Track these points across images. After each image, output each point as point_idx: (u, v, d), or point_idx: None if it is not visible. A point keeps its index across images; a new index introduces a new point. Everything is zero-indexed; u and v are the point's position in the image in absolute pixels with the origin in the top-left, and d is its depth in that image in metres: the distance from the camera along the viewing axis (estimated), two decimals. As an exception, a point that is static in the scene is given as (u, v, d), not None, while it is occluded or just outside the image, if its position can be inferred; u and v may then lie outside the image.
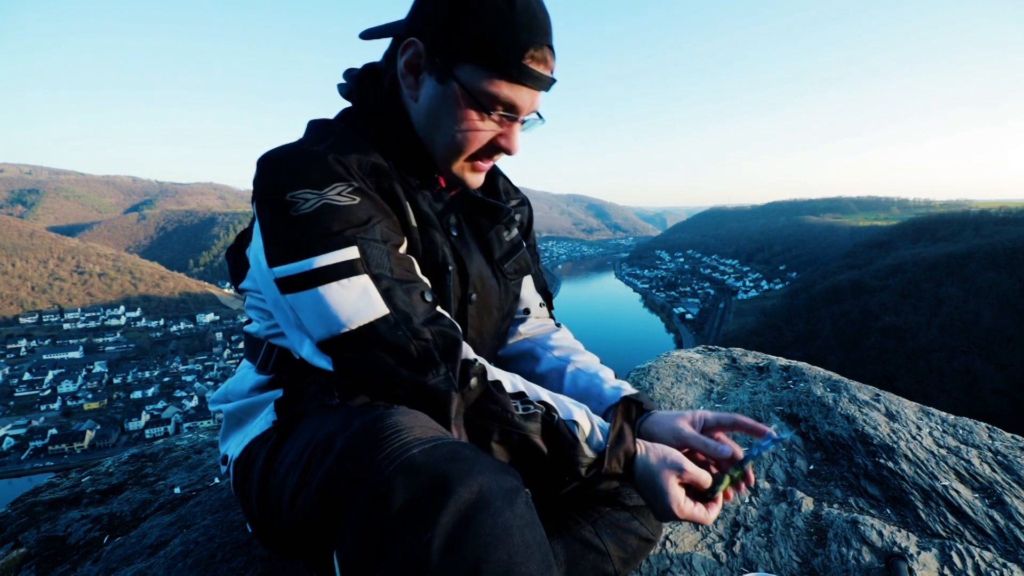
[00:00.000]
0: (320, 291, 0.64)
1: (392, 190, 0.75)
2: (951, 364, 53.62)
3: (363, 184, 0.72)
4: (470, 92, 0.72)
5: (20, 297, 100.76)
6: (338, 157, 0.70)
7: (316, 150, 0.70)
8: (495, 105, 0.73)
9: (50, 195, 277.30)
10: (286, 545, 0.73)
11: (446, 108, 0.75)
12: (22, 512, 1.30)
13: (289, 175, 0.67)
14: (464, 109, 0.74)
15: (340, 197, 0.67)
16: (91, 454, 50.61)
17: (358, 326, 0.64)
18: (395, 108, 0.80)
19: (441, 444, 0.54)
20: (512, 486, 0.53)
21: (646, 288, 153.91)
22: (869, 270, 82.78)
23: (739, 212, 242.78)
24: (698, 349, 2.47)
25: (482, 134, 0.76)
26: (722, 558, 1.05)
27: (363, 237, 0.67)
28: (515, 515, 0.50)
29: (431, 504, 0.47)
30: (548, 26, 0.74)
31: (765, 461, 1.42)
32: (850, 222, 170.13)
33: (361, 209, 0.69)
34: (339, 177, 0.68)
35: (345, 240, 0.66)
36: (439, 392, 0.65)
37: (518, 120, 0.77)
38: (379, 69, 0.83)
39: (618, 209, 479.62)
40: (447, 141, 0.77)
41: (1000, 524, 1.13)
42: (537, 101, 0.78)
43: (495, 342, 0.96)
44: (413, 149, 0.80)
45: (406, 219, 0.77)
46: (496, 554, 0.46)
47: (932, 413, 1.65)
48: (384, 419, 0.58)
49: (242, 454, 0.78)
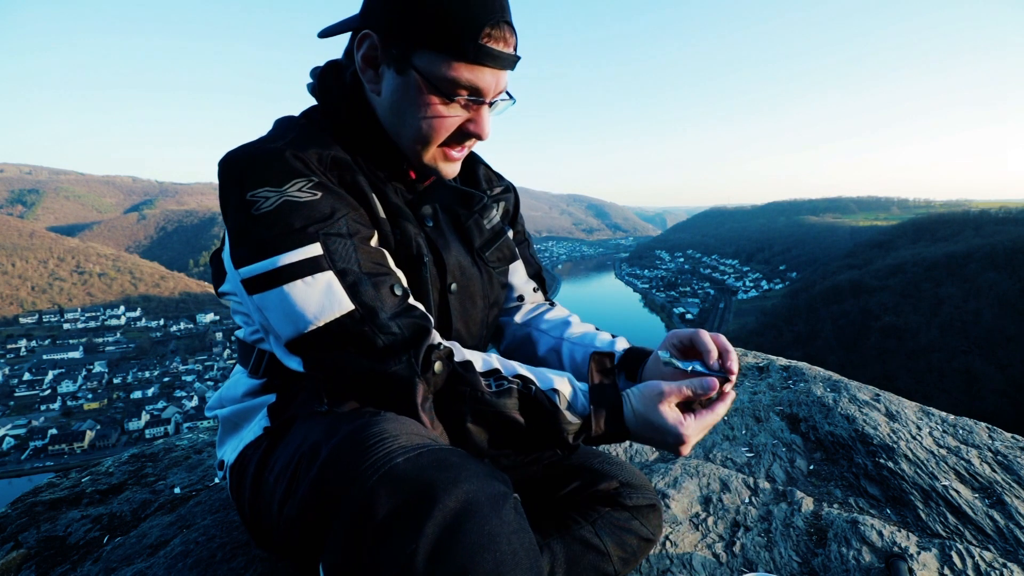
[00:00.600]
0: (285, 290, 0.63)
1: (356, 183, 0.74)
2: (951, 364, 53.61)
3: (324, 178, 0.70)
4: (430, 79, 0.70)
5: (20, 297, 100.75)
6: (296, 153, 0.68)
7: (274, 147, 0.68)
8: (457, 90, 0.71)
9: (50, 195, 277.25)
10: (278, 550, 0.73)
11: (408, 99, 0.72)
12: (22, 512, 1.30)
13: (248, 174, 0.66)
14: (427, 96, 0.71)
15: (300, 193, 0.66)
16: (91, 454, 50.61)
17: (324, 323, 0.63)
18: (358, 103, 0.78)
19: (426, 452, 0.54)
20: (499, 492, 0.52)
21: (646, 288, 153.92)
22: (869, 270, 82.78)
23: (739, 212, 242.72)
24: (698, 349, 2.47)
25: (448, 121, 0.74)
26: (722, 558, 1.05)
27: (326, 232, 0.66)
28: (502, 522, 0.50)
29: (416, 513, 0.47)
30: (503, 1, 0.71)
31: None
32: (850, 222, 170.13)
33: (323, 204, 0.67)
34: (298, 173, 0.67)
35: (308, 237, 0.64)
36: (400, 379, 0.64)
37: (485, 103, 0.75)
38: (341, 65, 0.82)
39: (618, 209, 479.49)
40: (413, 132, 0.75)
41: (1000, 524, 1.13)
42: (503, 81, 0.75)
43: (484, 331, 0.94)
44: (379, 142, 0.78)
45: (374, 212, 0.75)
46: (482, 562, 0.46)
47: (932, 413, 1.65)
48: (369, 427, 0.57)
49: (237, 460, 0.78)
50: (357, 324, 0.64)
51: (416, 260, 0.78)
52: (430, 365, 0.66)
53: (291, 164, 0.67)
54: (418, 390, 0.64)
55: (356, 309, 0.64)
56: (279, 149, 0.68)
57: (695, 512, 1.20)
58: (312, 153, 0.70)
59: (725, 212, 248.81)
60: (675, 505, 1.22)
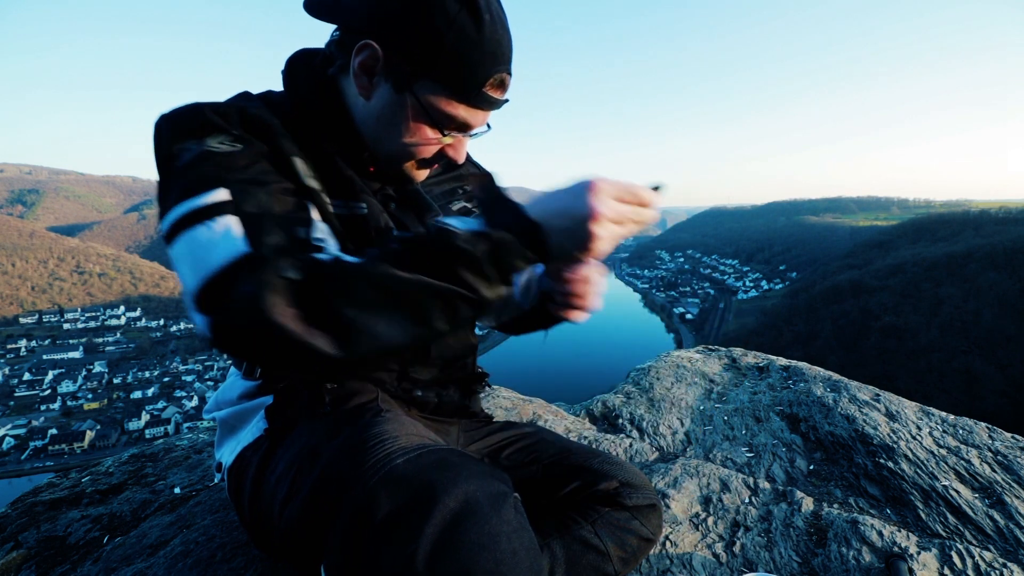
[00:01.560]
0: (187, 234, 0.58)
1: (278, 147, 0.69)
2: (951, 364, 53.62)
3: (246, 135, 0.67)
4: (426, 109, 0.71)
5: (20, 297, 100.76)
6: (217, 109, 0.66)
7: (195, 104, 0.66)
8: (451, 125, 0.73)
9: (50, 195, 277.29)
10: (278, 552, 0.73)
11: (399, 118, 0.73)
12: (22, 512, 1.30)
13: (172, 130, 0.65)
14: (418, 122, 0.73)
15: (221, 145, 0.64)
16: (91, 454, 50.64)
17: (221, 269, 0.55)
18: (326, 90, 0.77)
19: (426, 452, 0.54)
20: (500, 491, 0.52)
21: (646, 288, 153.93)
22: (869, 270, 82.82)
23: (739, 212, 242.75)
24: (698, 349, 2.47)
25: (432, 147, 0.76)
26: (722, 558, 1.05)
27: (239, 179, 0.62)
28: (502, 521, 0.49)
29: (416, 514, 0.47)
30: (511, 53, 0.73)
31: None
32: (850, 222, 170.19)
33: (242, 155, 0.65)
34: (219, 128, 0.65)
35: (218, 181, 0.61)
36: (243, 296, 0.53)
37: (468, 135, 0.77)
38: (313, 53, 0.81)
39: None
40: (395, 149, 0.76)
41: (1000, 524, 1.13)
42: (486, 117, 0.77)
43: None
44: (343, 130, 0.77)
45: (296, 178, 0.70)
46: (483, 562, 0.46)
47: (932, 413, 1.65)
48: (370, 428, 0.57)
49: (235, 462, 0.78)
50: (252, 268, 0.55)
51: (387, 234, 0.77)
52: (279, 268, 0.54)
53: (211, 119, 0.65)
54: (265, 298, 0.52)
55: (252, 252, 0.56)
56: (199, 106, 0.66)
57: (695, 512, 1.20)
58: (233, 111, 0.67)
59: (725, 212, 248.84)
60: (675, 505, 1.22)
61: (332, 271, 0.55)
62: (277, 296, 0.52)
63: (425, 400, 0.86)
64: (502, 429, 1.00)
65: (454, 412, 0.92)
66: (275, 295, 0.52)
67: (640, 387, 2.01)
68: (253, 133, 0.68)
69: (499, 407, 1.88)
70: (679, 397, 1.91)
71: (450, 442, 0.90)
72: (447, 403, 0.90)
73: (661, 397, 1.91)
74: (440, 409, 0.89)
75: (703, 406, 1.84)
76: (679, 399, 1.89)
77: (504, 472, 0.59)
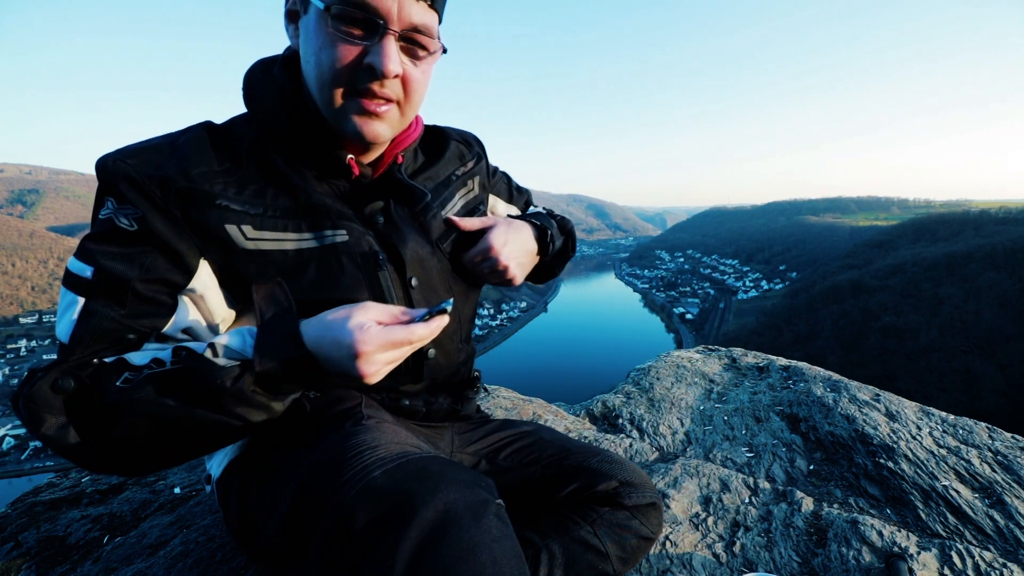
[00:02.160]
0: (62, 291, 0.64)
1: (203, 217, 0.66)
2: (951, 364, 53.63)
3: (157, 213, 0.64)
4: (324, 6, 0.63)
5: (20, 297, 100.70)
6: (133, 178, 0.64)
7: (124, 168, 0.64)
8: (346, 11, 0.62)
9: (50, 195, 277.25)
10: (266, 562, 0.73)
11: (308, 40, 0.67)
12: (22, 512, 1.30)
13: (101, 181, 0.66)
14: (322, 29, 0.64)
15: (125, 219, 0.64)
16: (91, 454, 50.57)
17: (59, 344, 0.63)
18: (286, 94, 0.72)
19: (405, 462, 0.53)
20: (480, 499, 0.51)
21: (646, 288, 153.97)
22: (869, 270, 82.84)
23: (739, 212, 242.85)
24: (698, 349, 2.47)
25: (341, 51, 0.64)
26: (722, 558, 1.05)
27: (110, 261, 0.63)
28: (482, 531, 0.48)
29: (392, 528, 0.46)
30: None
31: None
32: (850, 222, 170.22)
33: (132, 237, 0.64)
34: (127, 200, 0.64)
35: (93, 259, 0.63)
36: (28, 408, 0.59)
37: (388, 32, 0.65)
38: (271, 61, 0.77)
39: (618, 209, 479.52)
40: (314, 75, 0.67)
41: (1000, 524, 1.13)
42: (413, 11, 0.65)
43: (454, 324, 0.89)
44: (310, 134, 0.72)
45: (227, 244, 0.68)
46: (462, 574, 0.45)
47: (932, 413, 1.65)
48: (349, 438, 0.56)
49: (223, 474, 0.78)
50: (61, 356, 0.62)
51: (371, 259, 0.74)
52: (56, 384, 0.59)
53: (122, 190, 0.64)
54: (43, 419, 0.58)
55: (67, 344, 0.62)
56: (118, 170, 0.64)
57: (695, 512, 1.20)
58: (157, 182, 0.64)
59: (725, 212, 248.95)
60: (675, 505, 1.22)
61: (102, 391, 0.58)
62: (46, 404, 0.58)
63: (413, 409, 0.85)
64: (500, 429, 0.99)
65: (445, 418, 0.92)
66: (44, 404, 0.58)
67: (640, 387, 2.01)
68: (176, 205, 0.65)
69: (499, 407, 1.88)
70: (679, 397, 1.91)
71: (443, 446, 0.89)
72: (436, 410, 0.89)
73: (661, 397, 1.91)
74: (430, 416, 0.88)
75: (703, 406, 1.84)
76: (679, 399, 1.89)
77: (490, 478, 0.58)
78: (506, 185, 1.09)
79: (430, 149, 0.92)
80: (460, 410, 0.94)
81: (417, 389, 0.85)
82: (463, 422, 0.96)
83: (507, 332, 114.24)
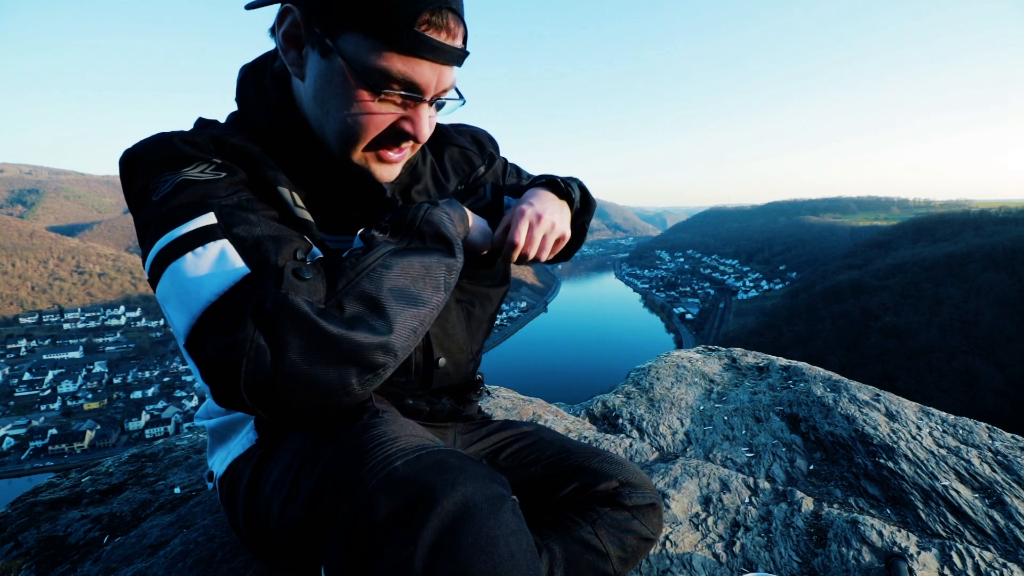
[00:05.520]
0: (173, 267, 0.53)
1: (263, 176, 0.64)
2: (951, 364, 53.62)
3: (227, 163, 0.63)
4: (356, 69, 0.60)
5: (20, 297, 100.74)
6: (188, 139, 0.62)
7: (167, 135, 0.62)
8: (388, 83, 0.62)
9: (50, 195, 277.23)
10: (276, 557, 0.72)
11: (332, 89, 0.63)
12: (22, 512, 1.30)
13: (144, 164, 0.60)
14: (354, 88, 0.62)
15: (201, 174, 0.60)
16: (91, 454, 50.64)
17: (217, 297, 0.51)
18: (281, 111, 0.70)
19: (425, 454, 0.54)
20: (498, 494, 0.52)
21: (646, 288, 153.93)
22: (869, 270, 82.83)
23: (739, 212, 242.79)
24: (698, 349, 2.47)
25: (379, 118, 0.64)
26: (722, 558, 1.05)
27: (223, 204, 0.57)
28: (500, 524, 0.49)
29: (414, 517, 0.47)
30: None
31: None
32: (850, 222, 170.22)
33: (224, 181, 0.60)
34: (195, 157, 0.61)
35: (201, 207, 0.56)
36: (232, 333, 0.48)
37: (425, 101, 0.65)
38: (260, 67, 0.74)
39: (618, 209, 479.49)
40: (338, 128, 0.65)
41: (1000, 524, 1.13)
42: (447, 78, 0.65)
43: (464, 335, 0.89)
44: (307, 150, 0.70)
45: (285, 207, 0.65)
46: (480, 565, 0.46)
47: (932, 413, 1.65)
48: (368, 430, 0.57)
49: (226, 472, 0.77)
50: (254, 289, 0.51)
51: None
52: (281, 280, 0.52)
53: (184, 150, 0.61)
54: (283, 338, 0.49)
55: (252, 273, 0.53)
56: (169, 136, 0.62)
57: (695, 512, 1.20)
58: (207, 140, 0.63)
59: (725, 212, 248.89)
60: (675, 505, 1.22)
61: (350, 264, 0.56)
62: (299, 306, 0.49)
63: (417, 408, 0.85)
64: (501, 429, 1.00)
65: (448, 418, 0.92)
66: (298, 305, 0.49)
67: (640, 387, 2.01)
68: (234, 161, 0.63)
69: (499, 407, 1.88)
70: (679, 397, 1.91)
71: (447, 444, 0.90)
72: (440, 411, 0.89)
73: (661, 397, 1.91)
74: (433, 416, 0.89)
75: (703, 406, 1.84)
76: (679, 399, 1.89)
77: (502, 474, 0.59)
78: (516, 178, 1.07)
79: (438, 154, 0.92)
80: (463, 411, 0.94)
81: (422, 391, 0.86)
82: (465, 422, 0.97)
83: (507, 332, 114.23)
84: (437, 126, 0.96)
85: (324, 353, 0.50)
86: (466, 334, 0.88)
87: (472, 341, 0.91)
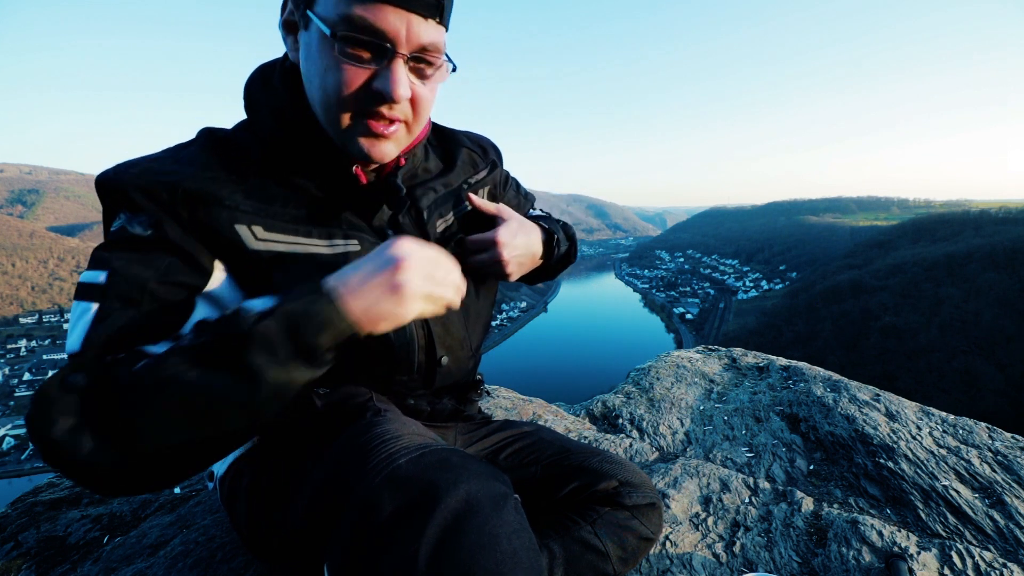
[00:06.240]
0: (75, 304, 0.60)
1: (212, 218, 0.65)
2: (951, 364, 53.64)
3: (168, 218, 0.63)
4: (326, 27, 0.60)
5: (20, 297, 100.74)
6: (146, 185, 0.63)
7: (127, 176, 0.63)
8: (352, 35, 0.60)
9: (50, 195, 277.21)
10: (277, 556, 0.73)
11: (311, 58, 0.64)
12: (22, 512, 1.30)
13: (107, 199, 0.65)
14: (326, 50, 0.61)
15: (139, 227, 0.62)
16: (91, 454, 50.60)
17: (68, 353, 0.58)
18: (289, 93, 0.70)
19: (428, 452, 0.54)
20: (500, 492, 0.52)
21: (646, 288, 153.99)
22: (869, 270, 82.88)
23: (739, 212, 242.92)
24: (698, 349, 2.47)
25: (350, 75, 0.62)
26: (722, 558, 1.05)
27: (121, 266, 0.60)
28: (503, 522, 0.49)
29: (418, 514, 0.47)
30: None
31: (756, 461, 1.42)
32: (850, 222, 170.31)
33: (147, 241, 0.62)
34: (140, 208, 0.63)
35: (105, 264, 0.60)
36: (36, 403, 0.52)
37: (396, 55, 0.62)
38: (271, 67, 0.75)
39: (618, 209, 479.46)
40: (318, 96, 0.65)
41: (1000, 524, 1.13)
42: (420, 30, 0.62)
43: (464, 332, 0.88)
44: (313, 146, 0.70)
45: (236, 245, 0.66)
46: (483, 562, 0.46)
47: (932, 413, 1.65)
48: (372, 428, 0.57)
49: (227, 471, 0.78)
50: (69, 366, 0.55)
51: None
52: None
53: (132, 198, 0.63)
54: (49, 419, 0.50)
55: (76, 351, 0.57)
56: (126, 180, 0.63)
57: (695, 512, 1.20)
58: (163, 186, 0.63)
59: (725, 212, 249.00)
60: (675, 505, 1.22)
61: (116, 376, 0.53)
62: (55, 404, 0.51)
63: (418, 408, 0.85)
64: (501, 429, 1.00)
65: (448, 418, 0.92)
66: (53, 404, 0.51)
67: (640, 387, 2.01)
68: (184, 208, 0.64)
69: (499, 407, 1.88)
70: (679, 397, 1.91)
71: (448, 444, 0.90)
72: (440, 411, 0.89)
73: (661, 397, 1.91)
74: (433, 416, 0.89)
75: (703, 406, 1.84)
76: (679, 399, 1.89)
77: (504, 473, 0.59)
78: (515, 192, 1.09)
79: (446, 155, 0.91)
80: (464, 411, 0.94)
81: (423, 391, 0.86)
82: (466, 422, 0.97)
83: (507, 332, 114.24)
84: (445, 129, 0.95)
85: (53, 459, 0.51)
86: (465, 330, 0.88)
87: (471, 337, 0.90)
